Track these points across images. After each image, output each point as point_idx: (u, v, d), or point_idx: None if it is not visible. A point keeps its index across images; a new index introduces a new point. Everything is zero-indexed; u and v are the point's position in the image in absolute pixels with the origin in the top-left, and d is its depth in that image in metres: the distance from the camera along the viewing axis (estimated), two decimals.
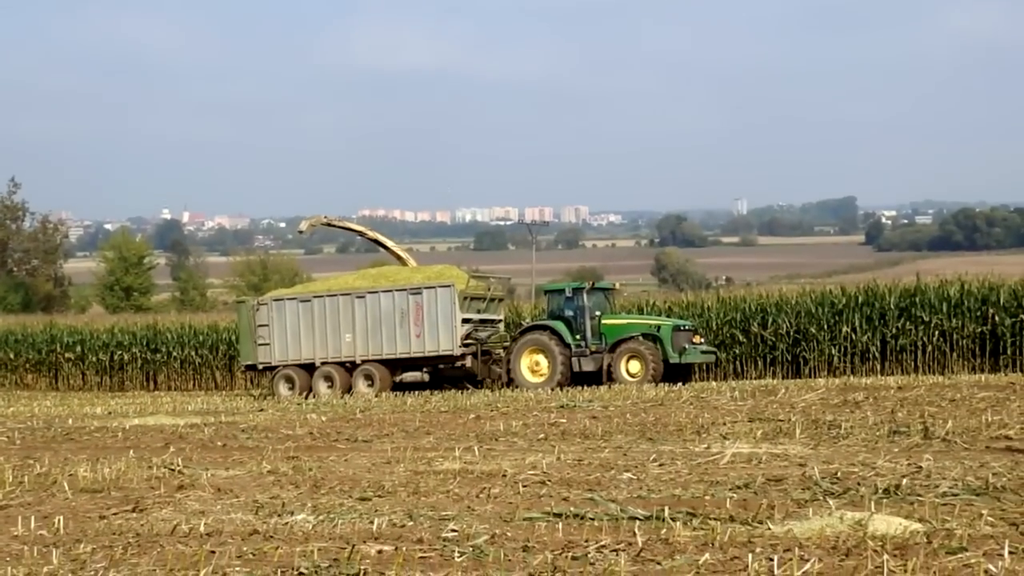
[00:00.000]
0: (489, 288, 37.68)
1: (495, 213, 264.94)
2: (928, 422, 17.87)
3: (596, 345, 34.56)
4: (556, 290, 36.66)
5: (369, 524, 10.58)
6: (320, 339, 36.60)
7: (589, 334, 34.71)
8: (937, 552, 8.65)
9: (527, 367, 34.56)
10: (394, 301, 35.82)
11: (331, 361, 36.37)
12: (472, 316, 35.96)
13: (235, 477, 14.62)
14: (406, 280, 37.03)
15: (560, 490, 12.46)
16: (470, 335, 35.64)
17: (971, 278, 38.36)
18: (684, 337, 34.53)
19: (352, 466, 15.39)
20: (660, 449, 16.00)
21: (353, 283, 38.51)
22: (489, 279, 38.84)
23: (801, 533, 9.52)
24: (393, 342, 35.74)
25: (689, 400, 24.85)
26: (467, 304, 35.80)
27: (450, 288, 35.33)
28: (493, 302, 37.51)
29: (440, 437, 19.20)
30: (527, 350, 34.66)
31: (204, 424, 23.27)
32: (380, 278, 38.19)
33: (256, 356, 37.60)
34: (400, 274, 38.43)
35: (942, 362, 36.55)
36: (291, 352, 36.94)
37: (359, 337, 36.09)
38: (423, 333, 35.42)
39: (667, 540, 9.42)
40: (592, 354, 34.40)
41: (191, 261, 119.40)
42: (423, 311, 35.35)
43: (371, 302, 36.13)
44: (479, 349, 35.71)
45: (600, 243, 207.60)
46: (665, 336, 34.19)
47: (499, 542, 9.56)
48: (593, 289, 36.04)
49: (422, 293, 35.59)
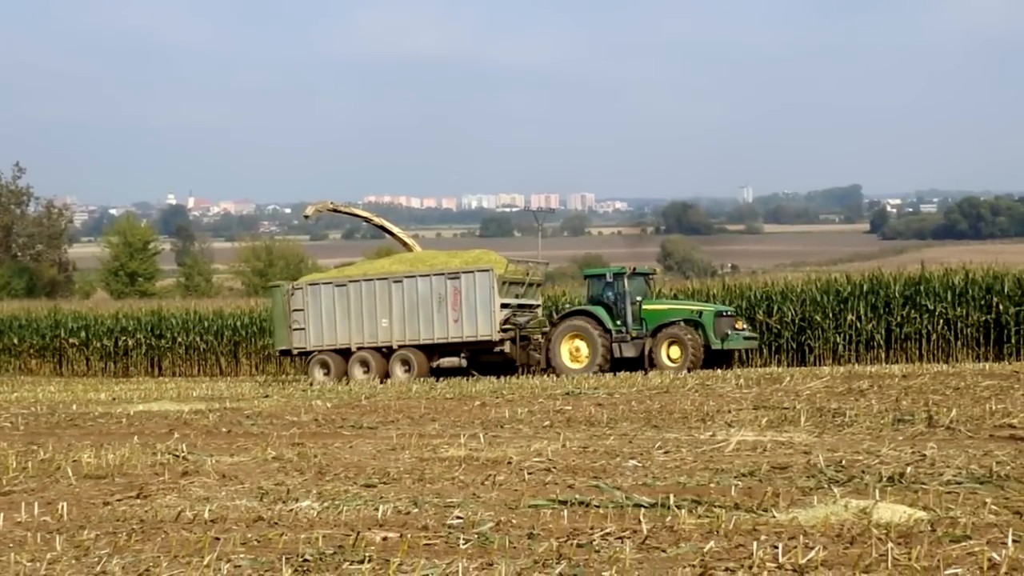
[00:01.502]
0: (528, 273, 37.27)
1: (501, 200, 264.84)
2: (932, 410, 17.86)
3: (637, 331, 34.34)
4: (596, 275, 36.35)
5: (374, 511, 10.58)
6: (356, 324, 36.39)
7: (630, 319, 34.50)
8: (941, 540, 8.65)
9: (567, 353, 34.32)
10: (431, 285, 35.56)
11: (367, 346, 36.16)
12: (511, 301, 35.69)
13: (240, 463, 14.63)
14: (443, 264, 36.79)
15: (565, 477, 12.46)
16: (509, 320, 35.36)
17: (976, 267, 38.35)
18: (727, 323, 34.24)
19: (357, 453, 15.40)
20: (665, 436, 16.00)
21: (390, 267, 38.21)
22: (528, 263, 38.36)
23: (806, 521, 9.52)
24: (431, 327, 35.51)
25: (694, 388, 24.85)
26: (505, 289, 35.53)
27: (489, 272, 35.08)
28: (532, 287, 37.17)
29: (445, 424, 19.22)
30: (567, 336, 34.41)
31: (209, 410, 23.29)
32: (417, 262, 37.88)
33: (291, 341, 37.35)
34: (437, 259, 38.15)
35: (946, 350, 36.55)
36: (327, 337, 36.73)
37: (396, 322, 35.88)
38: (461, 318, 35.19)
39: (672, 528, 9.42)
40: (633, 340, 34.18)
41: (196, 247, 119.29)
42: (461, 296, 35.13)
43: (408, 286, 35.89)
44: (518, 334, 35.38)
45: (606, 230, 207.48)
46: (707, 322, 33.94)
47: (504, 529, 9.57)
48: (634, 274, 35.73)
49: (460, 278, 35.36)
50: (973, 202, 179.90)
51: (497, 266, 35.78)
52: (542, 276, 38.64)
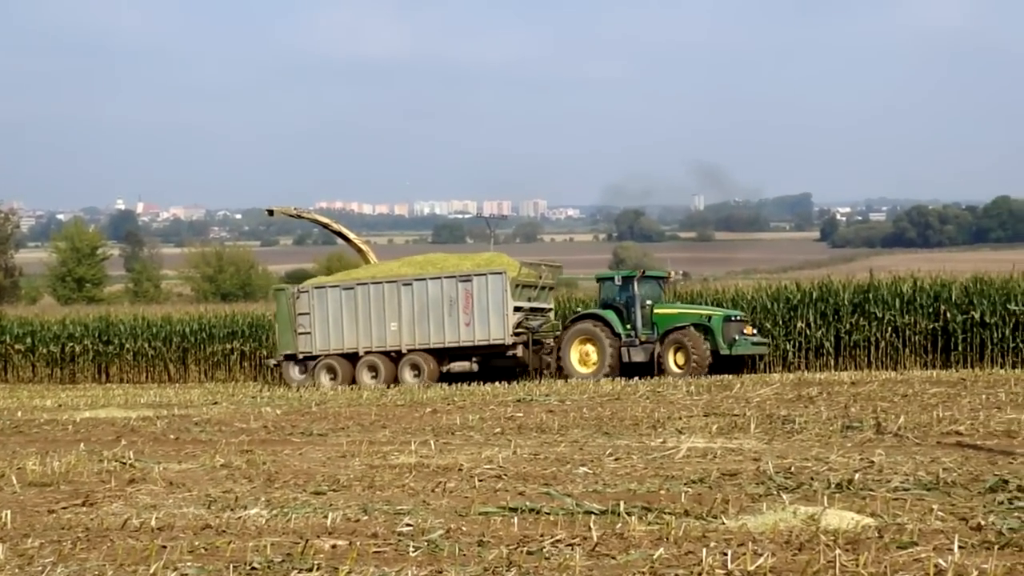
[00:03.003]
0: (540, 276, 36.62)
1: (454, 206, 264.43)
2: (880, 417, 17.99)
3: (647, 335, 33.68)
4: (607, 278, 35.76)
5: (323, 518, 10.53)
6: (364, 328, 35.73)
7: (639, 324, 33.80)
8: (888, 546, 8.70)
9: (577, 357, 33.71)
10: (442, 288, 34.94)
11: (375, 350, 35.53)
12: (523, 304, 35.10)
13: (188, 471, 14.54)
14: (455, 267, 36.25)
15: (516, 484, 12.46)
16: (521, 324, 34.80)
17: (924, 275, 38.60)
18: (735, 328, 33.62)
19: (307, 460, 15.34)
20: (616, 443, 16.02)
21: (399, 270, 37.51)
22: (540, 266, 37.66)
23: (755, 527, 9.55)
24: (441, 331, 34.87)
25: (645, 395, 24.92)
26: (518, 292, 34.95)
27: (502, 275, 34.47)
28: (544, 290, 36.58)
29: (396, 431, 19.17)
30: (577, 340, 33.80)
31: (157, 417, 23.12)
32: (427, 265, 37.31)
33: (296, 345, 36.61)
34: (448, 261, 37.64)
35: (895, 358, 36.76)
36: (333, 341, 36.08)
37: (405, 325, 35.24)
38: (473, 321, 34.55)
39: (622, 534, 9.43)
40: (642, 344, 33.48)
41: (145, 252, 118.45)
42: (473, 299, 34.51)
43: (418, 289, 35.26)
44: (530, 338, 34.77)
45: (559, 237, 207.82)
46: (716, 327, 33.31)
47: (454, 536, 9.54)
48: (645, 277, 35.07)
49: (472, 280, 34.74)
50: (921, 211, 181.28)
51: (510, 269, 35.15)
52: (554, 279, 37.88)
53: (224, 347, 46.99)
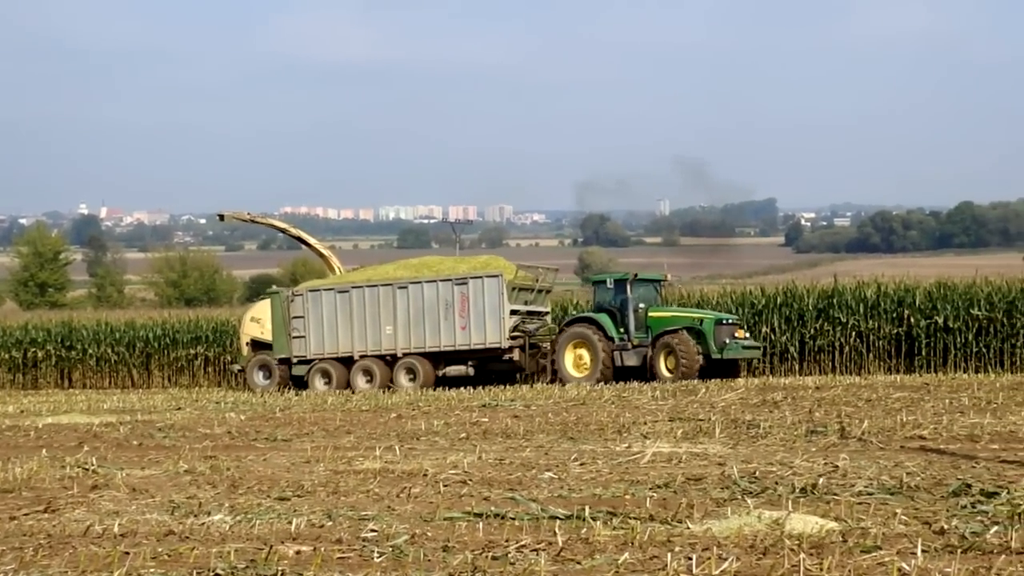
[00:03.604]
0: (537, 279, 36.17)
1: (419, 211, 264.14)
2: (845, 422, 18.06)
3: (640, 339, 32.98)
4: (599, 281, 35.24)
5: (287, 524, 10.49)
6: (359, 331, 35.23)
7: (632, 327, 33.11)
8: (852, 551, 8.72)
9: (571, 361, 33.16)
10: (438, 292, 34.48)
11: (370, 354, 35.08)
12: (520, 308, 34.67)
13: (151, 477, 14.46)
14: (451, 270, 35.84)
15: (481, 489, 12.44)
16: (518, 327, 34.32)
17: (887, 280, 38.80)
18: (726, 331, 32.84)
19: (271, 465, 15.28)
20: (581, 448, 16.03)
21: (394, 273, 37.04)
22: (538, 269, 37.21)
23: (720, 532, 9.56)
24: (437, 334, 34.42)
25: (611, 399, 24.94)
26: (515, 295, 34.52)
27: (498, 278, 34.02)
28: (541, 293, 36.09)
29: (361, 436, 19.13)
30: (571, 344, 33.24)
31: (120, 423, 23.00)
32: (423, 268, 36.93)
33: (290, 349, 36.13)
34: (444, 264, 37.25)
35: (859, 363, 36.91)
36: (328, 345, 35.58)
37: (400, 329, 34.77)
38: (469, 325, 34.10)
39: (587, 539, 9.43)
40: (634, 348, 32.80)
41: (109, 257, 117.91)
42: (469, 302, 34.06)
43: (414, 292, 34.78)
44: (527, 342, 34.24)
45: (524, 242, 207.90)
46: (708, 330, 32.58)
47: (419, 542, 9.52)
48: (640, 280, 34.32)
49: (468, 283, 34.31)
50: (886, 216, 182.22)
51: (506, 272, 34.76)
52: (552, 282, 37.37)
53: (188, 352, 46.78)
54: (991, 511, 10.20)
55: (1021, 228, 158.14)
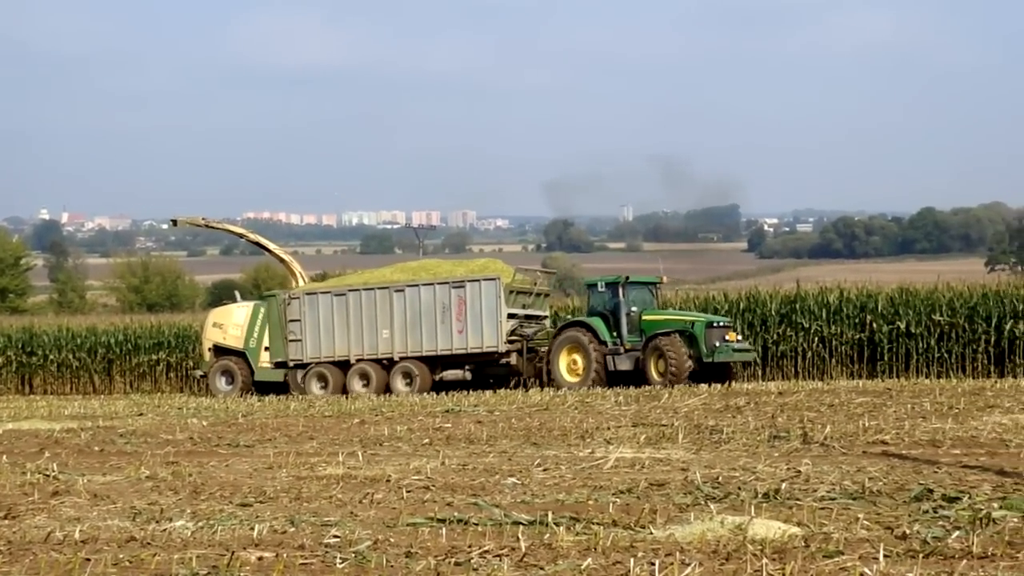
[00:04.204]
0: (535, 282, 36.14)
1: (382, 217, 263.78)
2: (807, 427, 18.13)
3: (633, 343, 32.57)
4: (592, 284, 34.84)
5: (249, 530, 10.45)
6: (356, 335, 35.09)
7: (625, 331, 32.73)
8: (815, 556, 8.75)
9: (565, 366, 32.81)
10: (435, 295, 34.36)
11: (367, 358, 34.90)
12: (518, 311, 34.49)
13: (112, 483, 14.38)
14: (448, 273, 35.75)
15: (444, 495, 12.42)
16: (515, 331, 34.13)
17: (850, 285, 39.04)
18: (717, 334, 32.29)
19: (233, 471, 15.22)
20: (544, 454, 16.03)
21: (391, 276, 37.06)
22: (536, 273, 37.16)
23: (682, 537, 9.57)
24: (433, 338, 34.29)
25: (574, 405, 24.96)
26: (512, 299, 34.35)
27: (495, 281, 33.94)
28: (539, 297, 35.96)
29: (323, 442, 19.08)
30: (565, 348, 32.89)
31: (81, 428, 22.86)
32: (420, 271, 36.95)
33: (287, 353, 35.95)
34: (441, 267, 37.20)
35: (821, 368, 37.11)
36: (324, 349, 35.44)
37: (397, 333, 34.60)
38: (466, 329, 33.95)
39: (550, 545, 9.42)
40: (627, 352, 32.43)
41: (70, 262, 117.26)
42: (466, 305, 33.92)
43: (410, 296, 34.65)
44: (525, 346, 33.99)
45: (487, 247, 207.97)
46: (699, 333, 32.11)
47: (382, 548, 9.50)
48: (632, 283, 34.02)
49: (465, 287, 34.19)
50: (848, 222, 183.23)
51: (504, 275, 34.67)
52: (550, 286, 37.18)
53: (150, 358, 46.63)
54: (953, 516, 10.25)
55: (982, 234, 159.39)
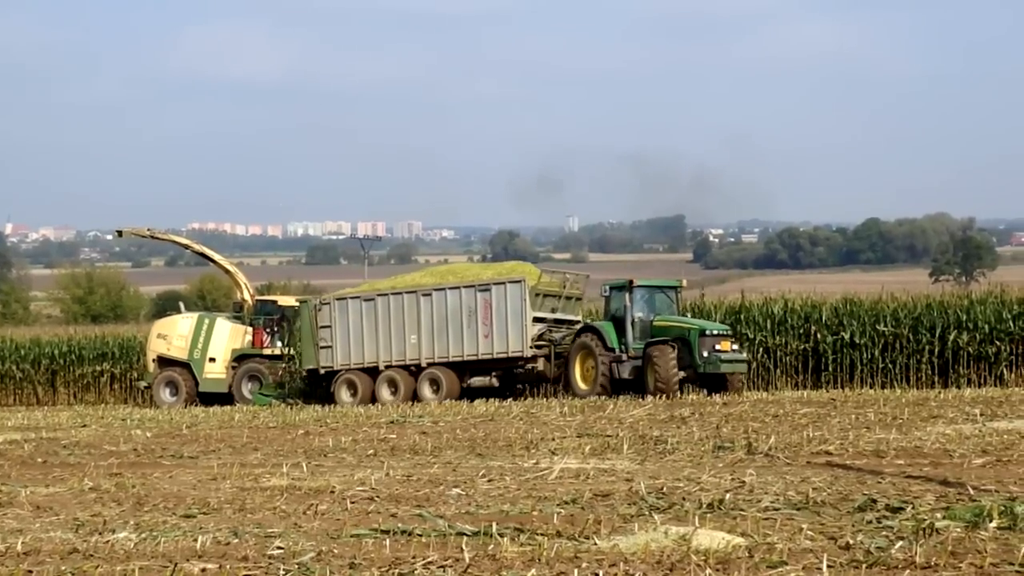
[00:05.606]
0: (565, 285, 35.12)
1: (328, 227, 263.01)
2: (752, 437, 18.21)
3: (637, 350, 30.90)
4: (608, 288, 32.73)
5: (193, 542, 10.40)
6: (384, 341, 34.22)
7: (629, 338, 31.15)
8: (758, 566, 8.79)
9: (580, 373, 31.67)
10: (461, 299, 33.46)
11: (395, 364, 34.03)
12: (546, 315, 33.53)
13: (55, 494, 14.27)
14: (475, 276, 35.17)
15: (388, 506, 12.41)
16: (543, 335, 33.10)
17: (794, 296, 39.23)
18: (709, 343, 30.64)
19: (177, 483, 15.13)
20: (489, 465, 16.03)
21: (420, 280, 36.27)
22: (565, 275, 36.29)
23: (627, 548, 9.60)
24: (460, 343, 33.34)
25: (519, 415, 24.96)
26: (540, 302, 33.48)
27: (520, 284, 33.08)
28: (570, 300, 34.95)
29: (268, 453, 18.99)
30: (580, 354, 31.76)
31: (24, 440, 22.67)
32: (448, 274, 36.39)
33: (318, 360, 35.03)
34: (469, 271, 36.57)
35: (766, 378, 37.24)
36: (354, 355, 34.54)
37: (424, 338, 33.72)
38: (492, 333, 33.01)
39: (494, 556, 9.42)
40: (629, 359, 30.89)
41: (14, 273, 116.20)
42: (492, 309, 32.98)
43: (437, 300, 33.76)
44: (552, 351, 32.73)
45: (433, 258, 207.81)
46: (693, 341, 30.52)
47: (326, 559, 9.47)
48: (649, 287, 32.75)
49: (491, 290, 33.27)
50: (793, 233, 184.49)
51: (530, 277, 33.94)
52: (581, 289, 35.92)
53: (94, 369, 46.24)
54: (896, 526, 10.33)
55: (927, 244, 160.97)
